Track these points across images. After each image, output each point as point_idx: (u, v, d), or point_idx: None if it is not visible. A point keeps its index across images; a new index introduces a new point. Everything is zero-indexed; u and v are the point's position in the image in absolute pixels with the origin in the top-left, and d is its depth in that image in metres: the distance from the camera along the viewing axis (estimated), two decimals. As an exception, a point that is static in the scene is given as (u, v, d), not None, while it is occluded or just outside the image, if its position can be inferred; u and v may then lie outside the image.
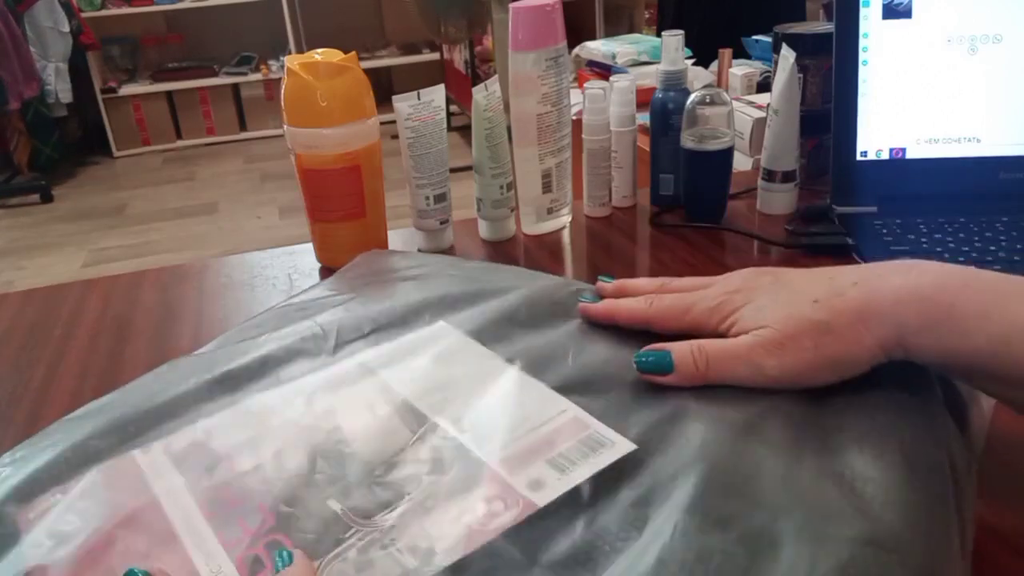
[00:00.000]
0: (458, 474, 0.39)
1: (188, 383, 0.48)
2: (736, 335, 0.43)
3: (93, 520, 0.39)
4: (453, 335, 0.49)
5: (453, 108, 3.83)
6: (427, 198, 0.76)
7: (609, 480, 0.37)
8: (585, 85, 0.81)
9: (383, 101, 0.70)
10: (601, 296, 0.51)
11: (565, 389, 0.43)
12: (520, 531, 0.35)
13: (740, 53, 1.73)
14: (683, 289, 0.48)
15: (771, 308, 0.43)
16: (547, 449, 0.39)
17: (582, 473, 0.37)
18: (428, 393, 0.44)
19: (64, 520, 0.39)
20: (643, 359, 0.43)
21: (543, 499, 0.36)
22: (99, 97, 4.05)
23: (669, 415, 0.41)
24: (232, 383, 0.48)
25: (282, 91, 0.71)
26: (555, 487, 0.37)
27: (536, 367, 0.45)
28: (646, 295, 0.49)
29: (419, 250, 0.79)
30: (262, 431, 0.43)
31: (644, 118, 0.83)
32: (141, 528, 0.39)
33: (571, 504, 0.36)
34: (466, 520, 0.36)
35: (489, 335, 0.49)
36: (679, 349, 0.43)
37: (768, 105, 0.80)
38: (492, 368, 0.46)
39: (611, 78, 0.84)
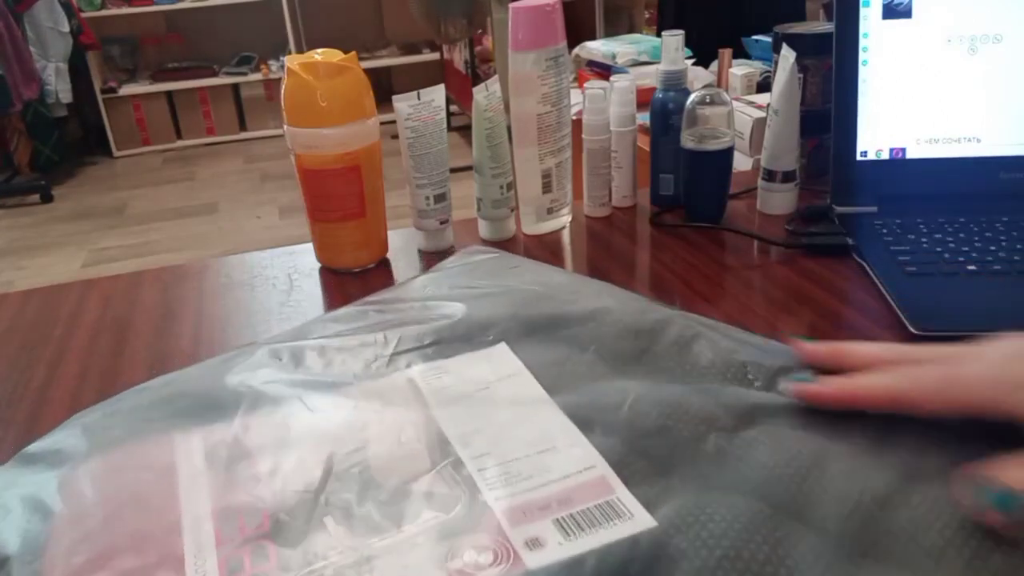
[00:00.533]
0: (459, 514, 0.38)
1: (248, 374, 0.50)
2: None
3: (114, 489, 0.41)
4: (510, 362, 0.48)
5: (453, 108, 3.84)
6: (427, 198, 0.76)
7: (615, 557, 0.34)
8: (585, 85, 0.81)
9: (383, 101, 0.70)
10: (810, 364, 0.42)
11: (606, 442, 0.40)
12: None
13: (740, 53, 1.73)
14: (926, 358, 0.39)
15: None
16: (559, 507, 0.37)
17: (587, 543, 0.35)
18: (463, 422, 0.43)
19: (91, 485, 0.42)
20: (1002, 501, 0.33)
21: (536, 561, 0.34)
22: (99, 97, 4.05)
23: (716, 493, 0.36)
24: (287, 380, 0.49)
25: (282, 91, 0.71)
26: (553, 551, 0.35)
27: (584, 410, 0.43)
28: (885, 366, 0.39)
29: (419, 250, 0.79)
30: (294, 435, 0.44)
31: (644, 118, 0.83)
32: (152, 507, 0.40)
33: (578, 569, 0.34)
34: (451, 565, 0.35)
35: (547, 368, 0.46)
36: None
37: (768, 105, 0.80)
38: (535, 406, 0.44)
39: (611, 78, 0.84)
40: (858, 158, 0.77)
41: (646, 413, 0.42)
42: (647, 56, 1.77)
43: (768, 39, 1.64)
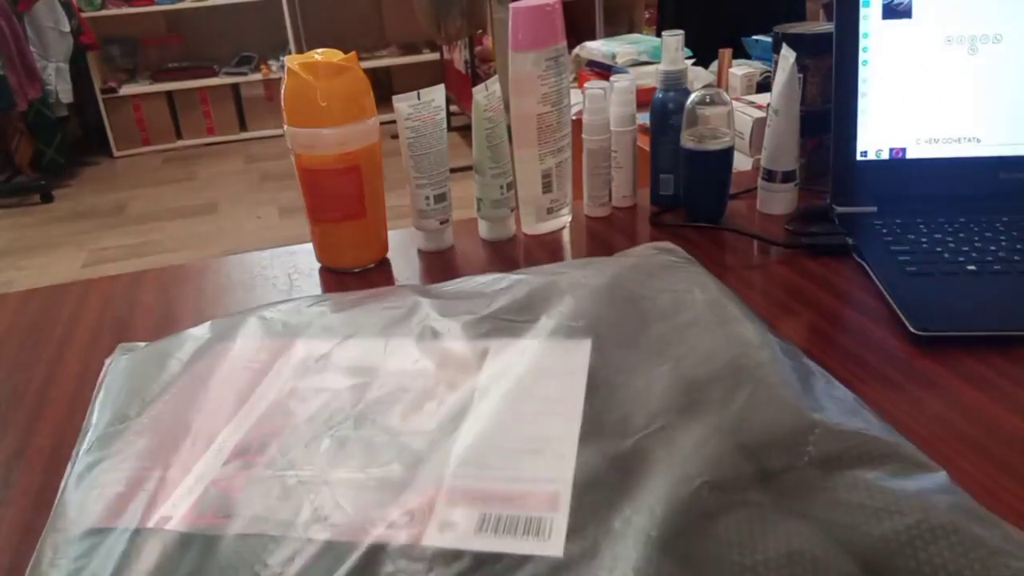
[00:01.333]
0: (415, 476, 0.39)
1: (396, 305, 0.54)
2: None
3: (218, 370, 0.49)
4: (579, 360, 0.45)
5: (453, 108, 3.83)
6: (427, 198, 0.76)
7: (493, 570, 0.33)
8: (585, 85, 0.81)
9: (383, 101, 0.70)
10: None
11: (595, 459, 0.38)
12: (380, 552, 0.34)
13: (740, 53, 1.73)
14: None
15: None
16: (497, 505, 0.36)
17: (487, 545, 0.34)
18: (490, 401, 0.43)
19: (211, 364, 0.50)
20: None
21: (430, 540, 0.35)
22: (99, 97, 4.05)
23: (650, 549, 0.33)
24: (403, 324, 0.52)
25: (282, 91, 0.71)
26: (452, 539, 0.35)
27: (605, 421, 0.41)
28: None
29: (419, 250, 0.79)
30: (363, 367, 0.48)
31: (644, 118, 0.83)
32: (232, 390, 0.47)
33: (448, 563, 0.34)
34: (371, 513, 0.37)
35: (607, 374, 0.44)
36: None
37: (768, 105, 0.80)
38: (562, 408, 0.42)
39: (611, 78, 0.84)
40: (858, 158, 0.77)
41: (645, 446, 0.39)
42: (647, 56, 1.77)
43: (768, 39, 1.64)
